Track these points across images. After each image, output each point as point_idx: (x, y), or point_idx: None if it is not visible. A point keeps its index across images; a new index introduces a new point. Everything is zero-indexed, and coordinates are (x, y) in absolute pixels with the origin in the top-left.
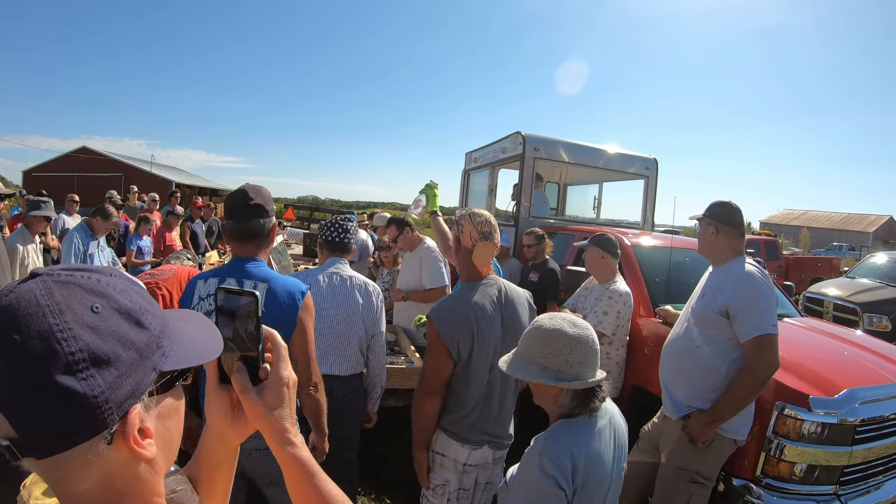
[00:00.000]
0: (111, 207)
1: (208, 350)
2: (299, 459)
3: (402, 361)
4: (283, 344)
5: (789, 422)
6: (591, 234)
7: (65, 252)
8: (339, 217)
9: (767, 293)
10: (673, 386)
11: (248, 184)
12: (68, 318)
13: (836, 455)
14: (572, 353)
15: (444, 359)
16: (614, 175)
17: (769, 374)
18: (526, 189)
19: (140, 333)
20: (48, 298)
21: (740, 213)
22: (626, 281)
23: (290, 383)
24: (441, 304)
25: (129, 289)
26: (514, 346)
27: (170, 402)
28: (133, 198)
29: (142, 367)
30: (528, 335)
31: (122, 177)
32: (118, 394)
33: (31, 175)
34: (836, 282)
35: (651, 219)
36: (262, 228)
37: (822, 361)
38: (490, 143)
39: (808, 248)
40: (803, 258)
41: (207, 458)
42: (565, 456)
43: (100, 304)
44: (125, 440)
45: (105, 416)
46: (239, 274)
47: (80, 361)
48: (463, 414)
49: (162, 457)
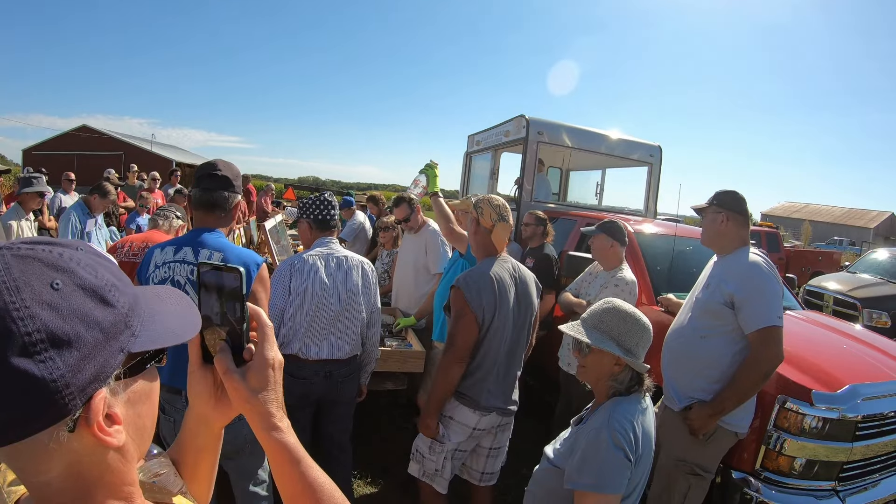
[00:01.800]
0: (109, 185)
1: (184, 329)
2: (285, 445)
3: (401, 344)
4: (269, 323)
5: (791, 416)
6: (595, 219)
7: (61, 230)
8: (321, 194)
9: (773, 284)
10: (674, 376)
11: (220, 158)
12: (25, 295)
13: (836, 451)
14: (643, 338)
15: (472, 324)
16: (618, 161)
17: (773, 367)
18: (529, 173)
19: (106, 312)
20: (5, 274)
21: (746, 202)
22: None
23: (276, 365)
24: (466, 274)
25: (96, 263)
26: (525, 317)
27: (141, 385)
28: (132, 177)
29: (107, 348)
30: (605, 312)
31: (122, 155)
32: (80, 377)
33: (31, 153)
34: (837, 276)
35: (654, 206)
36: (226, 201)
37: (825, 356)
38: (493, 126)
39: (808, 242)
40: (804, 251)
41: (191, 440)
42: (630, 429)
43: (61, 279)
44: (89, 427)
45: (66, 402)
46: (195, 243)
47: (38, 342)
48: (479, 378)
49: (133, 444)
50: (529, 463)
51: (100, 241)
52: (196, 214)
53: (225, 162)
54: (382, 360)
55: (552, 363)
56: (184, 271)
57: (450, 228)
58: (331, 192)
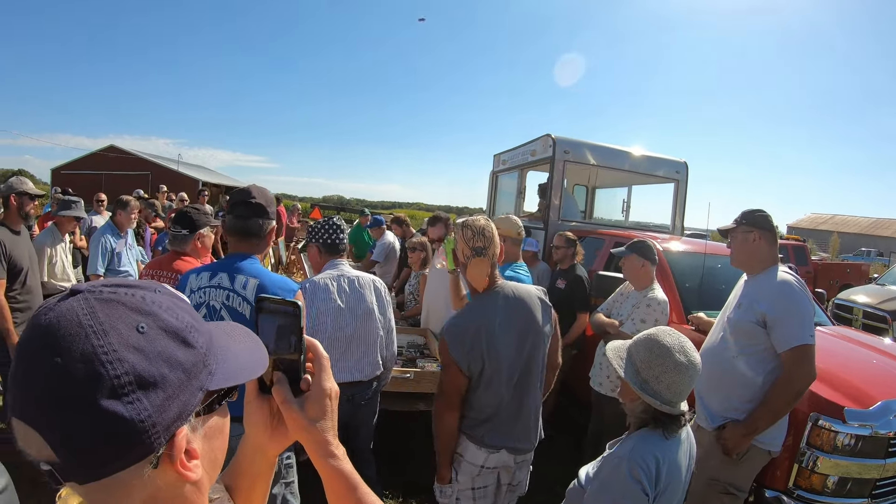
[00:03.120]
0: (126, 196)
1: (254, 365)
2: (342, 472)
3: (434, 365)
4: (325, 354)
5: (823, 433)
6: (623, 238)
7: (92, 251)
8: (330, 218)
9: (805, 303)
10: (707, 396)
11: (254, 184)
12: (113, 339)
13: (868, 468)
14: (665, 374)
15: (457, 375)
16: (644, 178)
17: (806, 386)
18: (556, 191)
19: (187, 353)
20: (91, 318)
21: (773, 219)
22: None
23: (333, 395)
24: (450, 323)
25: (175, 305)
26: (531, 346)
27: (216, 421)
28: (162, 197)
29: (189, 387)
30: (643, 338)
31: (149, 175)
32: (165, 416)
33: (59, 173)
34: (866, 289)
35: (681, 223)
36: (261, 228)
37: (856, 372)
38: (519, 146)
39: (836, 254)
40: (832, 264)
41: (246, 468)
42: (651, 461)
43: (145, 323)
44: (172, 463)
45: (152, 440)
46: (231, 269)
47: (126, 385)
48: (481, 419)
49: (206, 477)
50: (563, 480)
51: (131, 261)
52: (231, 240)
53: (259, 188)
54: (415, 381)
55: (584, 383)
56: (219, 296)
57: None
58: (339, 216)
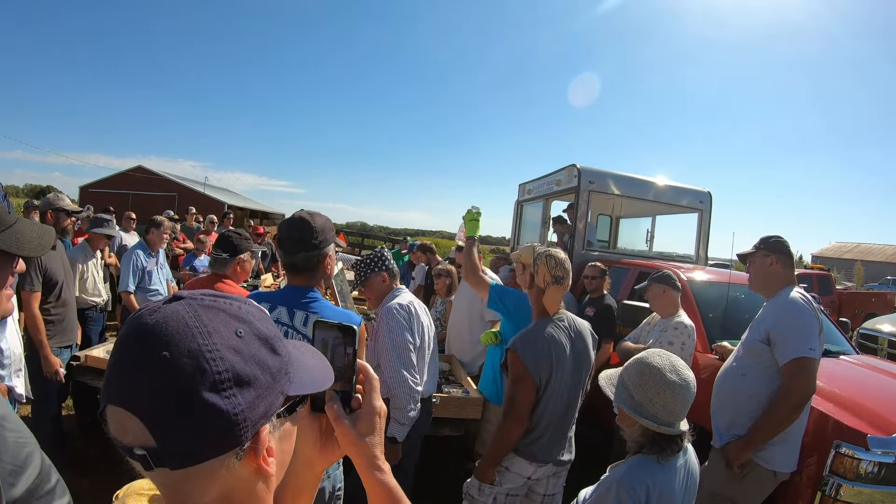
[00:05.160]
0: (160, 217)
1: (323, 379)
2: (387, 486)
3: (458, 391)
4: (376, 376)
5: (846, 461)
6: (646, 268)
7: (124, 269)
8: (381, 249)
9: (807, 318)
10: (718, 416)
11: (301, 212)
12: (216, 339)
13: (892, 495)
14: (659, 395)
15: (530, 388)
16: (667, 208)
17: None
18: (581, 221)
19: (274, 359)
20: (196, 320)
21: (789, 245)
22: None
23: (382, 413)
24: (522, 337)
25: (263, 317)
26: (581, 373)
27: (288, 426)
28: (190, 219)
29: (274, 390)
30: (632, 362)
31: (175, 196)
32: (254, 413)
33: (87, 191)
34: (891, 318)
35: (705, 253)
36: (306, 262)
37: (879, 400)
38: (544, 175)
39: (861, 283)
40: (857, 293)
41: (293, 481)
42: (641, 488)
43: (243, 329)
44: (255, 457)
45: (241, 433)
46: (290, 304)
47: (226, 381)
48: (536, 436)
49: (275, 477)
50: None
51: (161, 280)
52: (287, 275)
53: (304, 218)
54: (441, 406)
55: (608, 410)
56: None
57: (468, 275)
58: (383, 246)
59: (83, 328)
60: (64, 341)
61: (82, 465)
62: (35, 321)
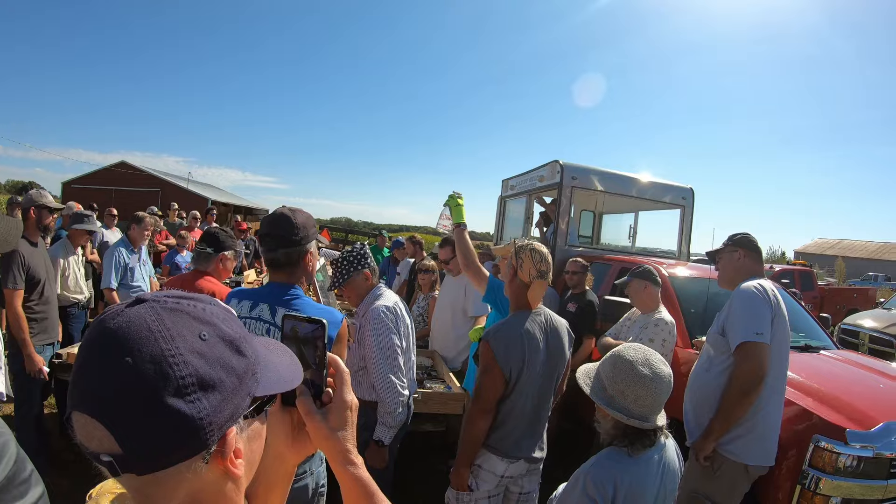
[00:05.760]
0: (142, 213)
1: (292, 377)
2: (360, 479)
3: (441, 387)
4: (346, 370)
5: (825, 455)
6: (628, 264)
7: (106, 266)
8: (363, 245)
9: (756, 303)
10: (688, 411)
11: (283, 208)
12: (179, 343)
13: (871, 489)
14: (630, 388)
15: (498, 379)
16: (650, 204)
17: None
18: (563, 217)
19: (240, 360)
20: (159, 324)
21: (757, 241)
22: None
23: (353, 407)
24: (496, 328)
25: (229, 317)
26: (555, 369)
27: (256, 425)
28: (173, 214)
29: (240, 392)
30: (608, 355)
31: (158, 192)
32: (220, 416)
33: (69, 187)
34: (872, 313)
35: (687, 249)
36: (289, 258)
37: (859, 394)
38: (527, 171)
39: (843, 279)
40: (839, 289)
41: (265, 476)
42: (608, 482)
43: (207, 332)
44: (222, 460)
45: (207, 437)
46: (272, 301)
47: (190, 385)
48: (506, 431)
49: (245, 477)
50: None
51: (143, 276)
52: (268, 272)
53: (286, 213)
54: (423, 401)
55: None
56: (259, 329)
57: (468, 264)
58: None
59: (65, 326)
60: (46, 339)
61: (63, 465)
62: (18, 319)
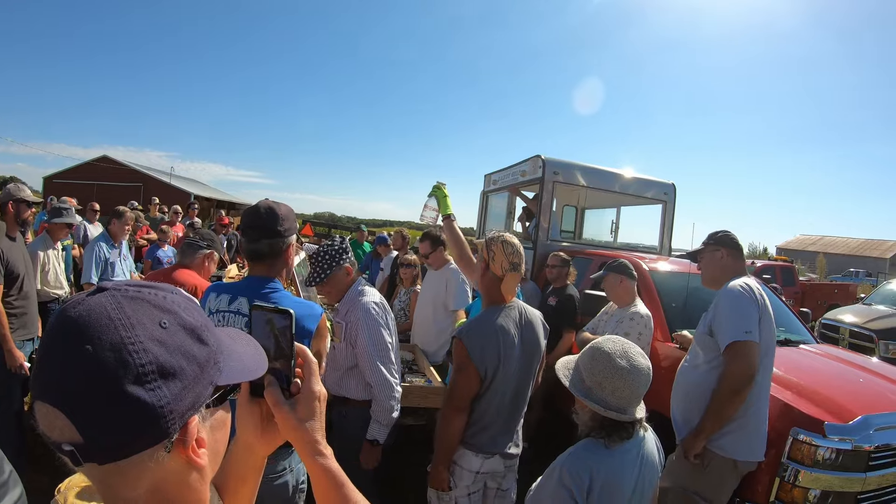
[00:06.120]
0: (123, 207)
1: (256, 366)
2: (329, 470)
3: (422, 381)
4: (314, 360)
5: (804, 448)
6: (609, 258)
7: (86, 260)
8: (342, 239)
9: (744, 303)
10: (676, 409)
11: (266, 200)
12: (139, 332)
13: (850, 481)
14: (607, 380)
15: (473, 378)
16: (632, 199)
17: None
18: (545, 212)
19: (201, 349)
20: (119, 312)
21: (737, 238)
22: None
23: (321, 398)
24: (469, 326)
25: (190, 306)
26: (531, 363)
27: (220, 414)
28: (154, 209)
29: (202, 380)
30: (587, 348)
31: (141, 187)
32: (181, 405)
33: (51, 181)
34: (853, 308)
35: (669, 243)
36: (271, 249)
37: (838, 388)
38: (509, 166)
39: (824, 274)
40: (820, 284)
41: (235, 468)
42: (584, 472)
43: (167, 320)
44: (184, 449)
45: (168, 426)
46: (251, 294)
47: (150, 373)
48: (481, 427)
49: (209, 467)
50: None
51: (125, 271)
52: (248, 264)
53: (269, 206)
54: (404, 395)
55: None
56: (237, 323)
57: (463, 255)
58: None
59: (45, 321)
60: (26, 335)
61: (38, 460)
62: None
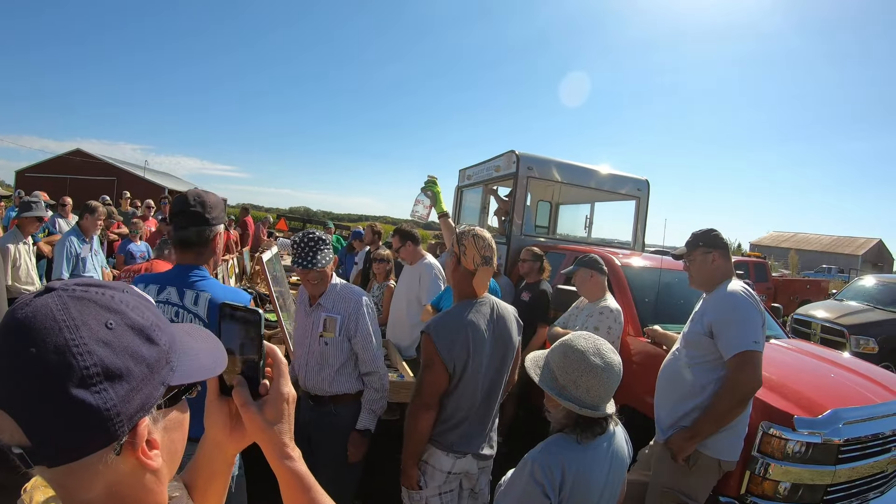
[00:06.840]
0: (94, 202)
1: (213, 366)
2: (297, 473)
3: (394, 375)
4: (284, 360)
5: (774, 441)
6: (582, 254)
7: (57, 256)
8: (317, 233)
9: (750, 311)
10: (661, 407)
11: (195, 189)
12: (84, 333)
13: (819, 474)
14: (582, 378)
15: (441, 374)
16: (607, 195)
17: (749, 392)
18: (519, 207)
19: (150, 349)
20: (64, 313)
21: (723, 236)
22: (615, 300)
23: (290, 399)
24: (438, 320)
25: (141, 305)
26: (504, 359)
27: (175, 415)
28: (125, 203)
29: (151, 381)
30: (558, 344)
31: (115, 181)
32: (129, 407)
33: (24, 175)
34: (825, 304)
35: (642, 239)
36: (200, 237)
37: (808, 382)
38: (484, 161)
39: (796, 271)
40: (792, 280)
41: (204, 466)
42: (556, 467)
43: (114, 320)
44: (133, 451)
45: (116, 428)
46: (180, 284)
47: (95, 376)
48: (452, 425)
49: (166, 467)
50: None
51: (96, 266)
52: (175, 252)
53: (198, 194)
54: None
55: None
56: (168, 313)
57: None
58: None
59: None
60: None
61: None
62: None
